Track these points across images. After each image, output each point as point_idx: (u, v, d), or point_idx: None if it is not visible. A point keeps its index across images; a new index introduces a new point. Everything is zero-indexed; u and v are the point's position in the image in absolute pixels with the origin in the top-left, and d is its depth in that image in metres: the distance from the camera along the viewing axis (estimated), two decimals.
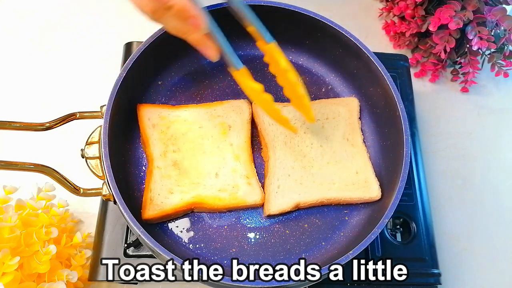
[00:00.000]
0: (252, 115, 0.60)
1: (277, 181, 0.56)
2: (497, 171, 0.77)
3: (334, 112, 0.61)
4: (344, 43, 0.59)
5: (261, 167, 0.59)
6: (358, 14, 0.89)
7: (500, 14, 0.70)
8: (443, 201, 0.73)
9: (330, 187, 0.56)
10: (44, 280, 0.53)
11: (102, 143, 0.50)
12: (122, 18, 0.83)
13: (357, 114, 0.62)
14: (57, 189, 0.56)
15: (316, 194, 0.55)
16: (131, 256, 0.57)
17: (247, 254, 0.54)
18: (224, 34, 0.50)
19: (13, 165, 0.49)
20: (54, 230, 0.56)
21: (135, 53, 0.55)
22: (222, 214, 0.56)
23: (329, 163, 0.58)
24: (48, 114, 0.58)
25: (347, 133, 0.60)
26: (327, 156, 0.58)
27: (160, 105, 0.61)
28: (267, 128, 0.59)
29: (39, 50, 0.80)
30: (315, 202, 0.55)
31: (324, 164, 0.58)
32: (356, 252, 0.47)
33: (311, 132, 0.59)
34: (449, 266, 0.67)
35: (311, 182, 0.56)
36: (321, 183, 0.56)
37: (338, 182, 0.57)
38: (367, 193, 0.56)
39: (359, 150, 0.59)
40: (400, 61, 0.75)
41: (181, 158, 0.56)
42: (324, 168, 0.57)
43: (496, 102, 0.83)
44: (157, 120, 0.58)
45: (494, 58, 0.76)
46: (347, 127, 0.60)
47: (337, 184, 0.56)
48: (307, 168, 0.57)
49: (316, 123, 0.60)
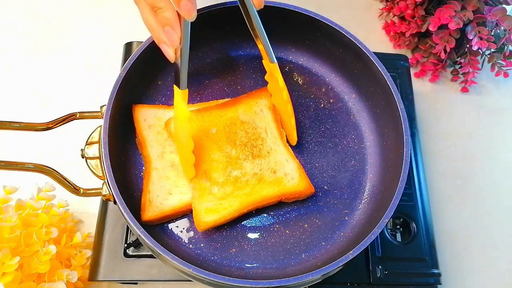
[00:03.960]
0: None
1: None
2: (497, 171, 0.77)
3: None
4: (344, 43, 0.59)
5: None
6: (358, 14, 0.89)
7: (500, 14, 0.70)
8: (443, 201, 0.73)
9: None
10: (44, 280, 0.53)
11: (102, 143, 0.50)
12: (122, 18, 0.84)
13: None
14: (57, 189, 0.56)
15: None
16: (131, 256, 0.57)
17: (247, 254, 0.54)
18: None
19: (13, 165, 0.49)
20: (54, 230, 0.56)
21: (135, 53, 0.55)
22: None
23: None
24: (48, 114, 0.58)
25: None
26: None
27: (156, 105, 0.61)
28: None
29: (39, 50, 0.80)
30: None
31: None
32: (356, 252, 0.47)
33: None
34: (449, 266, 0.67)
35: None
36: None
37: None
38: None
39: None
40: (400, 61, 0.75)
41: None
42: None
43: (496, 102, 0.83)
44: (153, 121, 0.58)
45: (494, 58, 0.76)
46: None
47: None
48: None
49: None
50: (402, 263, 0.60)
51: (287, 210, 0.57)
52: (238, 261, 0.53)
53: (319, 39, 0.62)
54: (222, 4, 0.57)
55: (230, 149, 0.56)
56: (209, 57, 0.65)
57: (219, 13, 0.58)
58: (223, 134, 0.57)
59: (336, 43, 0.61)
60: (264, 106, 0.60)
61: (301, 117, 0.63)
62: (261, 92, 0.61)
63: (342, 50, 0.62)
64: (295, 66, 0.66)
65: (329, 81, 0.66)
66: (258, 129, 0.58)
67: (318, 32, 0.61)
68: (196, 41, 0.62)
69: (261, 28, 0.52)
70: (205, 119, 0.58)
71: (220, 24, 0.61)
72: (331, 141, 0.62)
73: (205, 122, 0.58)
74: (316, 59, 0.66)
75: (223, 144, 0.57)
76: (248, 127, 0.58)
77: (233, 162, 0.56)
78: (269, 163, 0.56)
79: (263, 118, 0.59)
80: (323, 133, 0.62)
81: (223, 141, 0.57)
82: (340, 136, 0.62)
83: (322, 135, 0.62)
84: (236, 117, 0.58)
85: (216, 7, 0.57)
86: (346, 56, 0.62)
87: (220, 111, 0.59)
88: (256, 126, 0.58)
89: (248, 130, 0.58)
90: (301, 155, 0.60)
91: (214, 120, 0.58)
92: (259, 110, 0.59)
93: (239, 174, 0.55)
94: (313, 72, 0.66)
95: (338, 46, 0.61)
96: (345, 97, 0.65)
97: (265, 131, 0.58)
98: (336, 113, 0.64)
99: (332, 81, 0.66)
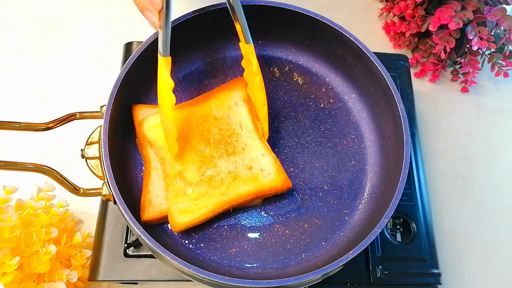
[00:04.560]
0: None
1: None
2: (497, 171, 0.77)
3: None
4: (344, 43, 0.59)
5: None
6: (358, 14, 0.89)
7: (500, 14, 0.70)
8: (443, 201, 0.73)
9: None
10: (44, 280, 0.53)
11: (102, 143, 0.50)
12: (122, 18, 0.84)
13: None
14: (57, 189, 0.56)
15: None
16: (131, 256, 0.57)
17: (247, 254, 0.54)
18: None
19: (13, 165, 0.49)
20: (54, 230, 0.56)
21: (135, 53, 0.55)
22: (222, 214, 0.56)
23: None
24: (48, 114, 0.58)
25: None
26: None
27: (156, 105, 0.60)
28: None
29: (39, 50, 0.80)
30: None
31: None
32: (356, 252, 0.47)
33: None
34: (449, 266, 0.67)
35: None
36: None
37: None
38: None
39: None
40: (400, 61, 0.75)
41: None
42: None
43: (496, 102, 0.83)
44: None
45: (494, 58, 0.76)
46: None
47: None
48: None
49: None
50: (402, 263, 0.60)
51: (287, 210, 0.57)
52: (238, 261, 0.53)
53: (319, 39, 0.63)
54: (221, 4, 0.57)
55: (204, 148, 0.56)
56: (209, 57, 0.65)
57: (219, 12, 0.58)
58: (196, 132, 0.56)
59: (336, 43, 0.61)
60: (239, 98, 0.58)
61: (301, 117, 0.63)
62: (235, 83, 0.59)
63: (342, 50, 0.62)
64: (295, 66, 0.66)
65: (329, 81, 0.66)
66: (232, 124, 0.57)
67: (318, 32, 0.61)
68: (196, 41, 0.63)
69: (240, 7, 0.52)
70: (178, 118, 0.57)
71: (220, 24, 0.61)
72: (331, 141, 0.62)
73: (178, 121, 0.57)
74: (316, 59, 0.66)
75: (197, 143, 0.56)
76: (221, 123, 0.57)
77: (207, 161, 0.55)
78: (244, 159, 0.55)
79: (237, 112, 0.58)
80: (323, 133, 0.62)
81: (197, 140, 0.56)
82: (340, 136, 0.62)
83: (322, 135, 0.62)
84: (209, 114, 0.57)
85: (216, 7, 0.57)
86: (346, 56, 0.62)
87: (193, 108, 0.58)
88: (230, 121, 0.57)
89: (222, 126, 0.57)
90: (301, 155, 0.60)
91: (187, 118, 0.57)
92: (233, 104, 0.58)
93: (214, 173, 0.54)
94: (313, 72, 0.66)
95: (338, 46, 0.61)
96: (345, 97, 0.65)
97: (240, 125, 0.57)
98: (336, 113, 0.64)
99: (332, 81, 0.66)
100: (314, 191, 0.58)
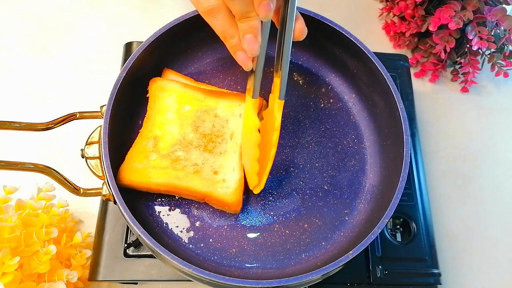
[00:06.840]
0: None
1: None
2: (497, 171, 0.77)
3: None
4: (344, 43, 0.59)
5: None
6: (358, 14, 0.89)
7: (500, 14, 0.70)
8: (443, 201, 0.73)
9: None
10: (44, 280, 0.53)
11: (102, 143, 0.50)
12: (122, 18, 0.84)
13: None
14: (57, 189, 0.56)
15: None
16: (131, 256, 0.57)
17: (247, 254, 0.54)
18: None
19: (13, 165, 0.49)
20: (54, 230, 0.56)
21: (135, 53, 0.55)
22: (222, 214, 0.56)
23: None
24: (48, 114, 0.58)
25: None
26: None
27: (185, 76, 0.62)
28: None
29: (39, 50, 0.80)
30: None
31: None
32: (356, 252, 0.47)
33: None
34: (449, 266, 0.67)
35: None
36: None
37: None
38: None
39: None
40: (400, 61, 0.75)
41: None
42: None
43: (496, 102, 0.83)
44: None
45: (494, 58, 0.76)
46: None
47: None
48: None
49: None
50: (402, 263, 0.60)
51: (287, 210, 0.57)
52: (238, 261, 0.53)
53: (319, 39, 0.62)
54: None
55: (189, 132, 0.56)
56: (209, 57, 0.65)
57: None
58: (193, 116, 0.57)
59: (336, 43, 0.61)
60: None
61: (301, 117, 0.63)
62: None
63: (342, 50, 0.62)
64: (295, 66, 0.66)
65: (329, 81, 0.66)
66: (225, 129, 0.57)
67: (318, 32, 0.61)
68: (196, 41, 0.63)
69: (287, 62, 0.50)
70: (186, 96, 0.58)
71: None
72: (331, 141, 0.62)
73: (184, 98, 0.58)
74: (316, 59, 0.66)
75: (186, 125, 0.57)
76: (217, 123, 0.57)
77: (184, 143, 0.56)
78: (215, 162, 0.55)
79: (235, 123, 0.57)
80: (323, 133, 0.62)
81: (187, 122, 0.57)
82: (340, 136, 0.62)
83: (322, 135, 0.62)
84: (214, 108, 0.58)
85: None
86: (346, 56, 0.62)
87: (203, 95, 0.59)
88: (225, 126, 0.57)
89: (216, 125, 0.57)
90: (301, 155, 0.60)
91: (194, 100, 0.58)
92: (237, 114, 0.58)
93: (182, 157, 0.55)
94: (313, 72, 0.66)
95: (338, 46, 0.62)
96: (345, 97, 0.65)
97: (231, 135, 0.57)
98: (336, 113, 0.64)
99: (332, 81, 0.66)
100: (314, 191, 0.58)
